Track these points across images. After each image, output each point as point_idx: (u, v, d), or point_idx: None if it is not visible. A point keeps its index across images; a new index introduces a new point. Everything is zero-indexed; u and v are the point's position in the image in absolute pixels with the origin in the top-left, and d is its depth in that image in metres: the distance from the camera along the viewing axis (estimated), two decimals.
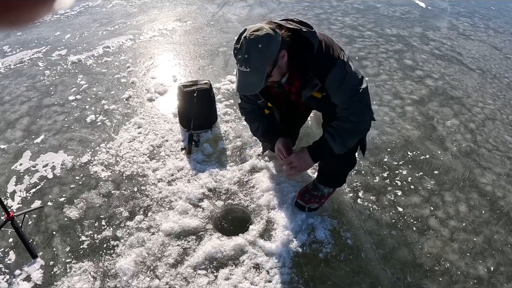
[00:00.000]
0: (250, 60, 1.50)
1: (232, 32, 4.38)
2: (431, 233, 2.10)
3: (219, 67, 3.67)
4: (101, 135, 2.78)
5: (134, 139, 2.73)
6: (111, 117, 2.97)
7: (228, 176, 2.39)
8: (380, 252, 1.99)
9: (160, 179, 2.38)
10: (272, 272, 1.85)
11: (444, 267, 1.94)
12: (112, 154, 2.59)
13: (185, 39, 4.19)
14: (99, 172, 2.44)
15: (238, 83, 1.61)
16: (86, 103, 3.14)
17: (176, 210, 2.15)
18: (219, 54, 3.90)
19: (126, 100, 3.17)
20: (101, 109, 3.06)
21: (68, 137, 2.77)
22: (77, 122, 2.92)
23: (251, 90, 1.62)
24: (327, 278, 1.85)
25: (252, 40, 1.48)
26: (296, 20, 1.64)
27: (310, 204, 2.11)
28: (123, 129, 2.83)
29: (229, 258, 1.91)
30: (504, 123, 3.01)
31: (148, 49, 4.01)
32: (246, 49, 1.49)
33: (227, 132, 2.79)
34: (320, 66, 1.62)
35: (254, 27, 1.53)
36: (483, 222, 2.19)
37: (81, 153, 2.61)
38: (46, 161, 2.55)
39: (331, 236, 2.04)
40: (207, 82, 2.73)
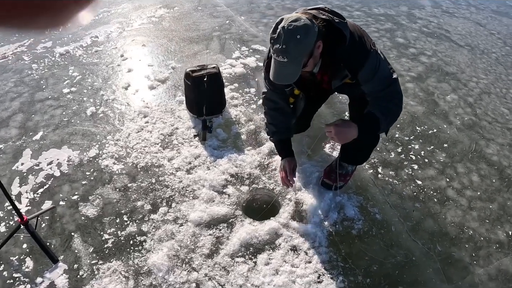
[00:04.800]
0: (288, 51, 1.45)
1: (222, 16, 4.25)
2: (451, 203, 2.18)
3: (216, 51, 3.56)
4: (106, 127, 2.63)
5: (142, 129, 2.61)
6: (113, 108, 2.82)
7: (248, 160, 2.35)
8: (408, 225, 2.04)
9: (178, 168, 2.30)
10: (310, 252, 1.85)
11: (468, 235, 2.02)
12: (121, 146, 2.47)
13: (176, 25, 4.01)
14: (111, 166, 2.32)
15: (274, 73, 1.56)
16: (83, 95, 2.96)
17: (201, 199, 2.09)
18: (213, 38, 3.77)
19: (126, 89, 3.01)
20: (101, 100, 2.90)
21: (70, 131, 2.60)
22: (76, 116, 2.75)
23: (287, 80, 1.57)
24: (363, 254, 1.88)
25: (291, 31, 1.43)
26: (328, 10, 1.60)
27: (336, 183, 2.12)
28: (128, 119, 2.70)
29: (265, 243, 1.89)
30: (499, 96, 3.14)
31: (139, 36, 3.81)
32: (284, 40, 1.44)
33: (238, 116, 2.73)
34: (352, 58, 1.61)
35: (292, 17, 1.48)
36: (495, 190, 2.29)
37: (87, 147, 2.47)
38: (49, 159, 2.39)
39: (360, 213, 2.07)
40: (215, 66, 2.64)
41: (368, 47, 1.63)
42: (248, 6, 4.46)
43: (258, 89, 3.03)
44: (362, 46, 1.62)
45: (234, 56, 3.46)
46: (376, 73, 1.65)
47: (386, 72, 1.68)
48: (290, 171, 1.99)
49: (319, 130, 2.62)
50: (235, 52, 3.52)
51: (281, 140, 2.04)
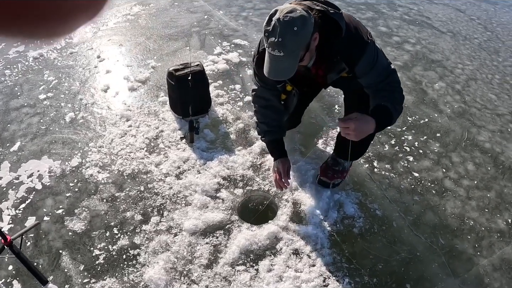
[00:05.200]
0: (285, 44, 1.36)
1: (199, 11, 4.09)
2: (449, 194, 2.15)
3: (196, 48, 3.42)
4: (87, 133, 2.47)
5: (126, 133, 2.46)
6: (93, 112, 2.64)
7: (239, 161, 2.24)
8: (409, 219, 2.00)
9: (166, 174, 2.17)
10: (313, 255, 1.78)
11: (469, 225, 2.00)
12: (105, 153, 2.31)
13: (153, 22, 3.83)
14: (96, 175, 2.17)
15: (269, 68, 1.46)
16: (60, 100, 2.77)
17: (194, 205, 1.98)
18: (192, 35, 3.62)
19: (105, 92, 2.84)
20: (80, 105, 2.72)
21: (49, 140, 2.43)
22: (55, 123, 2.56)
23: (284, 75, 1.48)
24: (367, 252, 1.82)
25: (287, 22, 1.33)
26: (321, 0, 1.51)
27: (334, 180, 2.05)
28: (109, 124, 2.54)
29: (265, 248, 1.80)
30: (485, 82, 3.15)
31: (115, 36, 3.61)
32: (280, 32, 1.34)
33: (224, 115, 2.61)
34: (349, 51, 1.53)
35: (287, 8, 1.38)
36: (491, 178, 2.28)
37: (69, 156, 2.30)
38: (29, 171, 2.22)
39: (360, 210, 2.01)
40: (198, 64, 2.51)
41: (365, 39, 1.55)
42: (226, 0, 4.32)
43: (243, 86, 2.92)
44: (359, 38, 1.54)
45: (216, 52, 3.33)
46: (374, 65, 1.58)
47: (384, 63, 1.62)
48: (285, 173, 1.89)
49: (310, 126, 2.54)
50: (216, 48, 3.39)
51: (273, 140, 1.94)
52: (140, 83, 2.94)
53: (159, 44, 3.46)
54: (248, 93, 2.83)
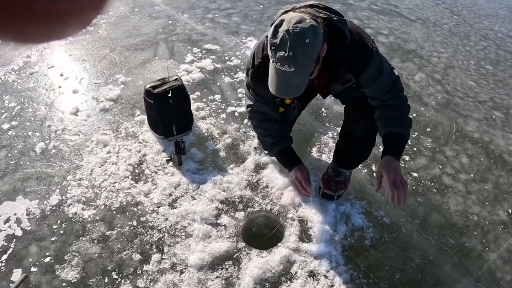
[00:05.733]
0: (296, 58, 1.28)
1: (162, 16, 3.91)
2: (450, 191, 2.20)
3: (166, 57, 3.26)
4: (62, 165, 2.27)
5: (105, 161, 2.29)
6: (65, 140, 2.44)
7: (235, 181, 2.16)
8: (416, 223, 2.02)
9: (159, 204, 2.05)
10: (329, 275, 1.75)
11: (473, 221, 2.06)
12: (86, 187, 2.14)
13: (114, 32, 3.60)
14: (80, 213, 2.01)
15: (277, 85, 1.38)
16: (27, 128, 2.53)
17: (196, 236, 1.88)
18: (159, 43, 3.45)
19: (75, 115, 2.63)
20: (49, 132, 2.50)
21: (21, 176, 2.21)
22: (25, 156, 2.34)
23: (294, 92, 1.41)
24: (382, 263, 1.82)
25: (297, 34, 1.26)
26: (322, 6, 1.45)
27: (338, 192, 2.03)
28: (86, 152, 2.35)
29: (279, 274, 1.74)
30: (463, 69, 3.26)
31: (76, 50, 3.36)
32: (291, 45, 1.26)
33: (209, 130, 2.51)
34: (354, 60, 1.50)
35: (294, 17, 1.30)
36: (485, 169, 2.36)
37: (46, 193, 2.11)
38: (5, 215, 2.01)
39: (367, 219, 2.00)
40: (177, 78, 2.38)
41: (370, 47, 1.52)
42: (188, 2, 4.16)
43: (223, 95, 2.82)
44: (363, 46, 1.51)
45: (188, 60, 3.20)
46: (380, 75, 1.55)
47: (389, 71, 1.60)
48: (305, 180, 1.84)
49: (300, 134, 2.50)
50: (187, 56, 3.25)
51: (282, 149, 1.87)
52: (112, 101, 2.75)
53: (125, 56, 3.26)
54: (230, 103, 2.74)
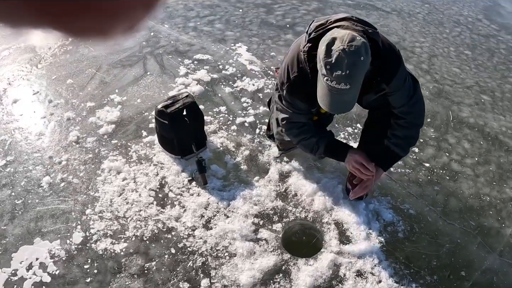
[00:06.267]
0: (353, 76, 1.38)
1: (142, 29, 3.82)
2: (460, 176, 2.42)
3: (157, 72, 3.23)
4: (77, 198, 2.22)
5: (123, 189, 2.27)
6: (72, 171, 2.38)
7: (264, 193, 2.23)
8: (438, 210, 2.21)
9: (193, 227, 2.07)
10: (375, 271, 1.89)
11: (487, 201, 2.28)
12: (110, 219, 2.12)
13: (96, 49, 3.49)
14: (111, 248, 1.99)
15: (331, 102, 1.46)
16: (26, 163, 2.42)
17: (240, 255, 1.94)
18: (146, 57, 3.41)
19: (77, 143, 2.56)
20: (52, 164, 2.42)
21: (33, 216, 2.13)
22: (31, 193, 2.25)
23: (347, 108, 1.51)
24: (418, 253, 1.99)
25: (353, 53, 1.34)
26: (356, 19, 1.55)
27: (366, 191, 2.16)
28: (99, 181, 2.31)
29: (330, 279, 1.86)
30: (445, 57, 3.52)
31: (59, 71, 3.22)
32: (348, 64, 1.35)
33: (224, 144, 2.55)
34: (387, 70, 1.61)
35: (346, 35, 1.38)
36: (486, 152, 2.60)
37: (67, 231, 2.06)
38: (26, 261, 1.94)
39: (396, 214, 2.16)
40: (188, 95, 2.40)
41: (398, 54, 1.64)
42: (164, 12, 4.11)
43: (227, 106, 2.86)
44: (393, 55, 1.63)
45: (182, 73, 3.19)
46: (405, 81, 1.68)
47: (409, 78, 1.73)
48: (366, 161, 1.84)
49: None
50: (180, 69, 3.25)
51: (329, 142, 1.91)
52: (113, 124, 2.70)
53: (114, 74, 3.19)
54: (237, 114, 2.80)
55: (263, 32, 3.84)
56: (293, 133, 1.93)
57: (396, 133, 1.80)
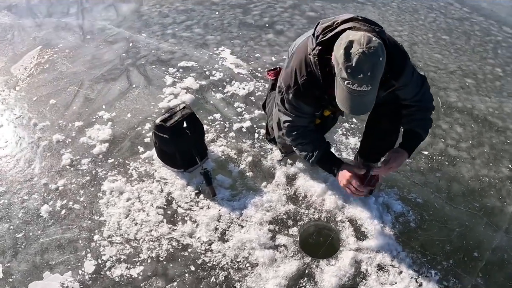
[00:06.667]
0: (374, 77, 1.42)
1: (119, 39, 3.76)
2: (458, 160, 2.55)
3: (143, 84, 3.18)
4: (82, 225, 2.17)
5: (129, 210, 2.24)
6: (71, 196, 2.32)
7: (274, 198, 2.27)
8: (443, 196, 2.32)
9: (209, 241, 2.08)
10: (395, 263, 1.97)
11: (486, 182, 2.43)
12: (120, 243, 2.09)
13: (74, 65, 3.38)
14: (127, 274, 1.96)
15: (352, 105, 1.50)
16: (20, 192, 2.33)
17: (263, 264, 1.97)
18: (128, 69, 3.35)
19: (70, 166, 2.49)
20: (47, 191, 2.34)
21: (38, 249, 2.07)
22: (31, 224, 2.18)
23: (368, 109, 1.55)
24: (431, 240, 2.10)
25: (373, 55, 1.38)
26: (362, 18, 1.59)
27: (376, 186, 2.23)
28: (102, 204, 2.27)
29: (353, 277, 1.92)
30: (425, 44, 3.67)
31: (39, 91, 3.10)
32: (369, 66, 1.39)
33: (225, 152, 2.57)
34: (395, 66, 1.66)
35: (362, 38, 1.40)
36: (478, 134, 2.76)
37: (77, 261, 2.01)
38: None
39: (405, 204, 2.26)
40: (185, 105, 2.39)
41: (403, 50, 1.70)
42: (140, 21, 4.05)
43: (221, 113, 2.87)
44: (400, 51, 1.68)
45: (168, 82, 3.17)
46: (413, 75, 1.75)
47: (417, 71, 1.80)
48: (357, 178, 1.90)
49: None
50: (165, 78, 3.21)
51: (324, 153, 1.97)
52: (106, 143, 2.65)
53: (98, 89, 3.12)
54: (233, 120, 2.82)
55: (244, 33, 3.85)
56: (292, 136, 1.97)
57: (415, 117, 1.87)
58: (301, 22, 4.05)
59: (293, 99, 1.82)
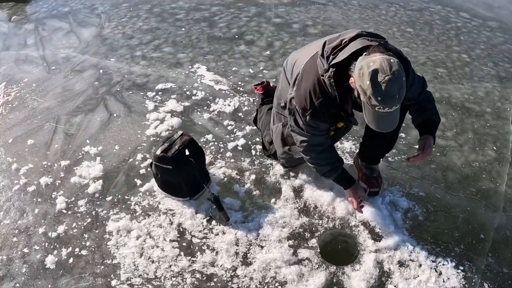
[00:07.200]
0: (401, 97, 1.55)
1: (87, 67, 3.66)
2: (448, 149, 2.77)
3: (124, 112, 3.13)
4: (95, 271, 2.13)
5: (142, 248, 2.23)
6: (76, 243, 2.26)
7: (287, 213, 2.36)
8: (442, 186, 2.53)
9: (233, 267, 2.12)
10: (413, 257, 2.13)
11: (477, 166, 2.68)
12: (141, 284, 2.07)
13: (46, 100, 3.25)
14: None
15: (383, 125, 1.64)
16: (19, 246, 2.23)
17: (292, 281, 2.05)
18: (105, 97, 3.28)
19: (68, 210, 2.42)
20: (49, 240, 2.27)
21: None
22: (39, 278, 2.09)
23: (395, 124, 1.68)
24: (440, 229, 2.29)
25: (398, 78, 1.50)
26: (366, 34, 1.72)
27: (380, 186, 2.39)
28: (111, 246, 2.24)
29: (379, 277, 2.05)
30: (391, 38, 3.92)
31: (15, 133, 2.96)
32: (397, 90, 1.51)
33: (226, 174, 2.61)
34: None
35: (383, 63, 1.49)
36: (459, 121, 3.03)
37: None
38: None
39: (410, 199, 2.43)
40: (182, 133, 2.41)
41: (403, 55, 1.84)
42: (104, 45, 3.96)
43: (213, 133, 2.91)
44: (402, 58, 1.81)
45: (150, 107, 3.15)
46: (415, 76, 1.90)
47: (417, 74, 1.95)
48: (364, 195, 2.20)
49: None
50: (146, 104, 3.19)
51: (341, 172, 2.14)
52: (99, 179, 2.61)
53: (77, 123, 3.04)
54: (226, 139, 2.87)
55: (215, 47, 3.90)
56: (311, 156, 2.09)
57: (426, 108, 2.03)
58: (269, 30, 4.16)
59: (311, 120, 1.91)
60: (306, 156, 2.10)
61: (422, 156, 2.00)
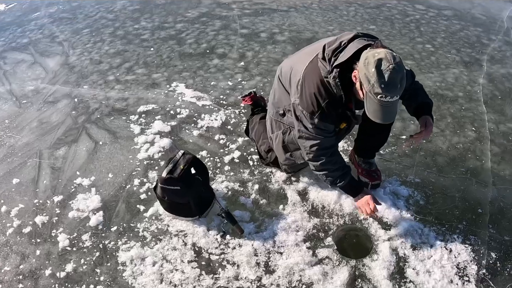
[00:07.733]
0: (402, 87, 1.72)
1: (61, 97, 3.59)
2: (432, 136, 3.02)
3: (110, 139, 3.12)
4: None
5: (161, 274, 2.24)
6: (90, 280, 2.21)
7: (298, 218, 2.47)
8: (434, 170, 2.77)
9: (258, 278, 2.19)
10: (423, 239, 2.33)
11: (461, 148, 2.95)
12: None
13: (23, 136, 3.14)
14: None
15: (384, 116, 1.78)
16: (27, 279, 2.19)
17: (318, 281, 2.15)
18: (85, 127, 3.25)
19: (72, 246, 2.38)
20: (57, 281, 2.20)
21: None
22: None
23: (394, 116, 1.84)
24: (442, 210, 2.51)
25: (401, 68, 1.67)
26: (362, 34, 1.89)
27: (380, 178, 2.58)
28: (128, 277, 2.22)
29: (397, 263, 2.22)
30: None
31: None
32: (399, 79, 1.68)
33: (229, 187, 2.69)
34: None
35: (387, 54, 1.66)
36: (437, 108, 3.32)
37: None
38: None
39: (408, 187, 2.64)
40: (184, 152, 2.46)
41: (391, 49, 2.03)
42: (72, 73, 3.91)
43: (207, 150, 2.98)
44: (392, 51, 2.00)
45: (136, 131, 3.17)
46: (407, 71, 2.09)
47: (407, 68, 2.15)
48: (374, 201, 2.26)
49: None
50: (131, 128, 3.21)
51: (349, 181, 2.26)
52: (100, 211, 2.59)
53: (62, 156, 3.00)
54: (220, 153, 2.96)
55: (189, 64, 3.97)
56: (323, 161, 2.18)
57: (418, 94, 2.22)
58: (238, 41, 4.30)
59: (320, 123, 2.04)
60: (316, 162, 2.20)
61: (426, 132, 2.15)
